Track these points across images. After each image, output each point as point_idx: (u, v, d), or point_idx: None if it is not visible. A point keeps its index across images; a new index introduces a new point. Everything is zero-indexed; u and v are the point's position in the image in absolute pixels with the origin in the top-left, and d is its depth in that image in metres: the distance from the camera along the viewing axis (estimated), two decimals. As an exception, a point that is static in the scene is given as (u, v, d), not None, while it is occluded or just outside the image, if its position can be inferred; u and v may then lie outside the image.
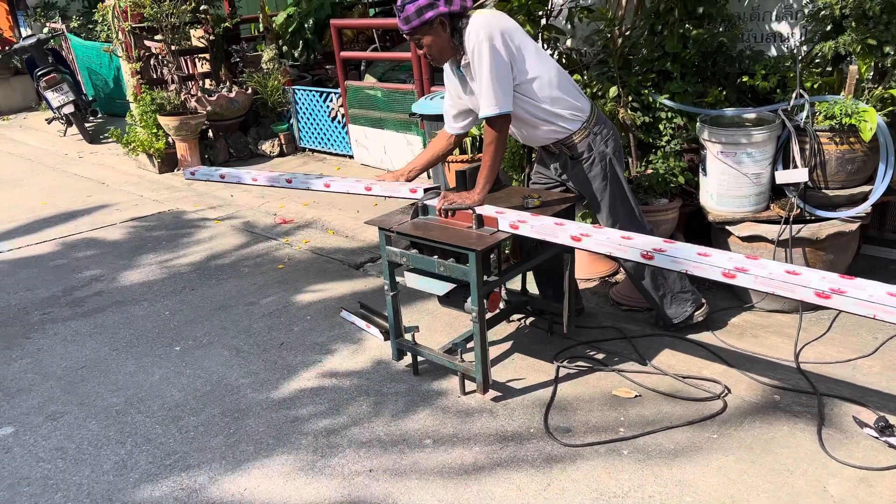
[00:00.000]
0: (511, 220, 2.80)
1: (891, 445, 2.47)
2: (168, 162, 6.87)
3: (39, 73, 8.44)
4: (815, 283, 2.19)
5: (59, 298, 4.24)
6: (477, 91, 2.82)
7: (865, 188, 3.30)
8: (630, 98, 3.73)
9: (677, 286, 3.19)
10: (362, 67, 7.09)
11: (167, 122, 6.61)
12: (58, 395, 3.21)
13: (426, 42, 2.82)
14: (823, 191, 3.31)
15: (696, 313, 3.25)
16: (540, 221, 2.79)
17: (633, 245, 2.58)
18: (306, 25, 7.32)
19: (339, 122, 6.64)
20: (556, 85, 2.88)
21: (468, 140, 4.35)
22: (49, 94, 8.36)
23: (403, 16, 2.77)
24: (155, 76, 7.15)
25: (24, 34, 10.43)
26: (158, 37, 6.86)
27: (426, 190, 3.13)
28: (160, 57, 7.06)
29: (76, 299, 4.21)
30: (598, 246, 2.65)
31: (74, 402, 3.14)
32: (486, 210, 2.92)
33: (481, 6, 4.00)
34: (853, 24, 3.17)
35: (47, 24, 10.29)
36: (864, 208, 3.27)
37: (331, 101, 6.64)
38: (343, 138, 6.67)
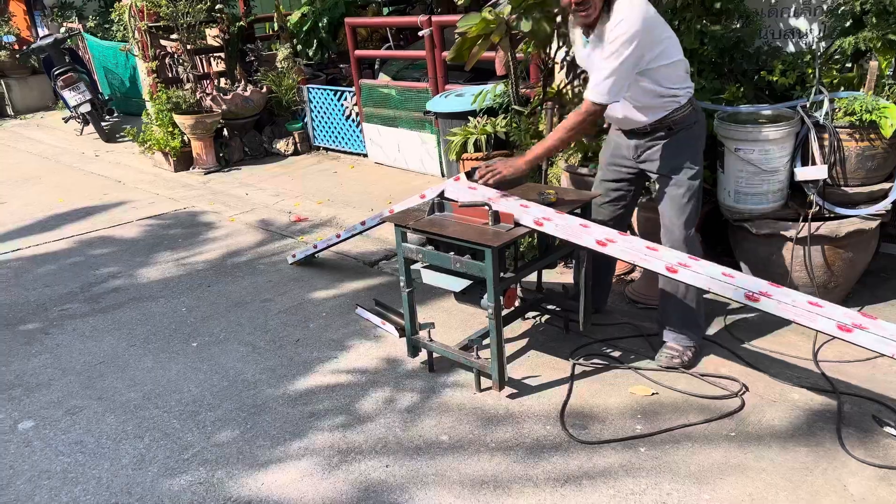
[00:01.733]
0: (536, 217, 2.79)
1: (912, 444, 2.45)
2: (183, 160, 6.92)
3: (56, 73, 8.52)
4: (839, 316, 2.25)
5: (77, 295, 4.27)
6: (595, 66, 2.77)
7: (886, 185, 3.27)
8: (646, 95, 3.70)
9: (701, 310, 3.12)
10: (376, 66, 7.10)
11: (183, 121, 6.65)
12: (77, 389, 3.24)
13: None
14: (843, 188, 3.28)
15: (688, 354, 3.07)
16: (565, 221, 2.77)
17: (658, 257, 2.57)
18: (320, 24, 7.34)
19: (353, 120, 6.66)
20: (683, 67, 2.88)
21: (483, 138, 4.35)
22: (66, 94, 8.44)
23: None
24: (171, 75, 7.20)
25: (41, 34, 10.54)
26: (174, 36, 6.91)
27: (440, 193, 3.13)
28: (176, 56, 7.11)
29: (94, 296, 4.24)
30: (622, 253, 2.65)
31: (93, 397, 3.17)
32: (511, 204, 2.91)
33: (495, 4, 4.00)
34: (873, 19, 3.14)
35: (64, 24, 10.40)
36: (885, 205, 3.24)
37: (345, 99, 6.66)
38: (357, 137, 6.68)
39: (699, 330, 3.12)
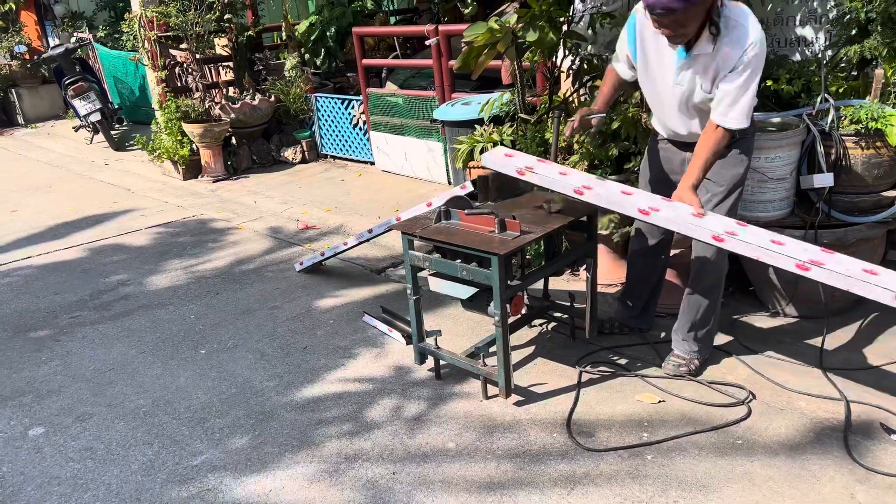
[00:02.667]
0: (575, 185, 2.73)
1: (920, 452, 2.45)
2: (192, 168, 6.96)
3: (67, 82, 8.60)
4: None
5: (87, 302, 4.31)
6: (723, 96, 2.63)
7: (892, 193, 3.27)
8: (652, 103, 3.72)
9: (715, 327, 3.11)
10: (383, 75, 7.14)
11: (192, 130, 6.70)
12: (86, 396, 3.27)
13: (686, 20, 2.51)
14: (849, 195, 3.28)
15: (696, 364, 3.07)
16: (606, 188, 2.69)
17: (705, 225, 2.51)
18: (328, 34, 7.40)
19: (360, 128, 6.69)
20: None
21: (489, 146, 4.37)
22: (76, 103, 8.51)
23: None
24: (180, 84, 7.26)
25: (52, 44, 10.65)
26: (183, 45, 6.97)
27: (450, 199, 3.15)
28: (185, 65, 7.17)
29: (104, 303, 4.28)
30: (666, 222, 2.60)
31: (103, 404, 3.19)
32: (550, 171, 2.83)
33: (501, 13, 4.03)
34: (879, 27, 3.16)
35: (75, 34, 10.48)
36: (892, 213, 3.24)
37: (352, 108, 6.70)
38: (364, 145, 6.72)
39: (710, 344, 3.11)
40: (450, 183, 5.72)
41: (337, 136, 6.98)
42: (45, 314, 4.19)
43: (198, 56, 7.00)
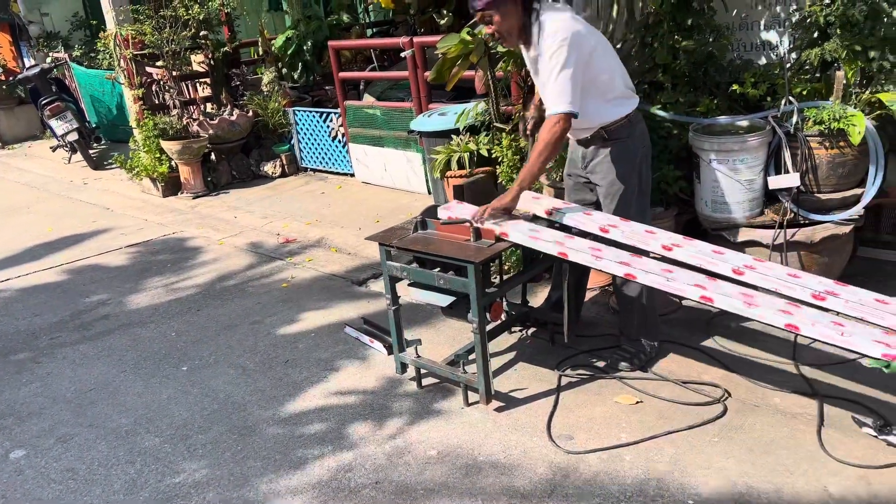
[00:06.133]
0: (601, 225, 2.90)
1: (889, 444, 2.50)
2: (171, 186, 6.96)
3: (43, 102, 8.56)
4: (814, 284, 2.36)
5: (67, 323, 4.29)
6: (545, 85, 2.82)
7: (857, 191, 3.35)
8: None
9: (656, 315, 3.22)
10: (361, 87, 7.18)
11: (170, 147, 6.70)
12: (67, 417, 3.26)
13: (496, 20, 2.81)
14: (816, 195, 3.36)
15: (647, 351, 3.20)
16: (630, 228, 2.88)
17: (655, 238, 2.75)
18: (305, 47, 7.43)
19: (339, 141, 6.72)
20: (620, 76, 2.95)
21: (466, 155, 4.42)
22: (53, 123, 8.47)
23: None
24: (157, 102, 7.26)
25: (27, 64, 10.60)
26: (160, 63, 6.98)
27: (426, 209, 3.19)
28: (162, 83, 7.17)
29: (83, 323, 4.27)
30: (624, 237, 2.79)
31: (84, 424, 3.19)
32: (524, 199, 3.05)
33: (475, 24, 4.08)
34: (838, 30, 3.24)
35: (50, 54, 10.45)
36: (857, 210, 3.31)
37: (331, 121, 6.73)
38: (344, 157, 6.74)
39: (656, 333, 3.20)
40: (429, 192, 5.76)
41: (316, 149, 7.00)
42: (25, 336, 4.17)
43: (174, 73, 7.01)
